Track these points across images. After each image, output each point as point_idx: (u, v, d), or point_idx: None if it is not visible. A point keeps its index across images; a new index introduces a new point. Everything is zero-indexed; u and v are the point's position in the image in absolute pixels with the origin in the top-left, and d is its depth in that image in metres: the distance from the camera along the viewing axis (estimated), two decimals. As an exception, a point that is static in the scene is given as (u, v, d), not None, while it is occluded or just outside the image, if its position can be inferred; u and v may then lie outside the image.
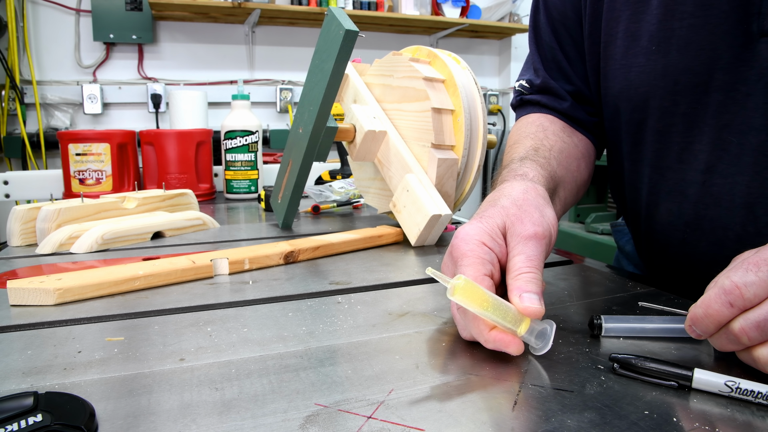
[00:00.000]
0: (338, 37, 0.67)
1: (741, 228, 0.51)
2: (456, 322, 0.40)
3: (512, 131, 0.67)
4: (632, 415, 0.29)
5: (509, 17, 2.84)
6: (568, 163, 0.60)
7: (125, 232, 0.72)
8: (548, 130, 0.62)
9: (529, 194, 0.44)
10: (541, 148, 0.57)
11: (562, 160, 0.59)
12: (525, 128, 0.64)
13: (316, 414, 0.29)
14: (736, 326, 0.33)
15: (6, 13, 2.17)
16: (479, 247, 0.39)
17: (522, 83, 0.70)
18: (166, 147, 1.17)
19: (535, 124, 0.64)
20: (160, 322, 0.43)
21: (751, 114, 0.48)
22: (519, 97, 0.71)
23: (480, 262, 0.38)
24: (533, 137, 0.60)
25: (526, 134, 0.61)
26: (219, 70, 2.60)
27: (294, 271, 0.59)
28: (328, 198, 1.00)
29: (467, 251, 0.39)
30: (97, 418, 0.28)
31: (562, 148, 0.60)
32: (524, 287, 0.36)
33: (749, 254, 0.35)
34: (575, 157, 0.62)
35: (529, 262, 0.38)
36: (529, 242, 0.39)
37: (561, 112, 0.66)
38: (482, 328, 0.36)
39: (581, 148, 0.65)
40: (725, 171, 0.51)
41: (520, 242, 0.39)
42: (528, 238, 0.39)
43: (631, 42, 0.55)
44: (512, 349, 0.35)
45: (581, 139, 0.66)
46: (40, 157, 2.29)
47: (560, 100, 0.66)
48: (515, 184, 0.46)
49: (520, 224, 0.40)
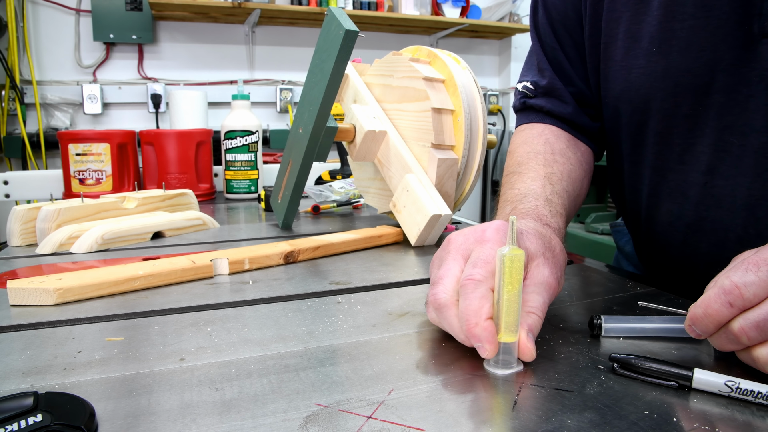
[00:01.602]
0: (338, 37, 0.67)
1: (742, 230, 0.51)
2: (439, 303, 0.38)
3: (516, 140, 0.66)
4: (632, 415, 0.29)
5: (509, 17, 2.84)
6: (574, 187, 0.60)
7: (125, 232, 0.72)
8: (555, 149, 0.62)
9: (556, 245, 0.44)
10: (553, 176, 0.58)
11: (569, 186, 0.59)
12: (533, 144, 0.63)
13: (316, 414, 0.29)
14: (735, 326, 0.33)
15: (6, 13, 2.17)
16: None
17: (526, 84, 0.68)
18: (166, 147, 1.17)
19: (541, 140, 0.63)
20: (160, 322, 0.43)
21: (753, 115, 0.48)
22: (522, 100, 0.69)
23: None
24: (543, 161, 0.60)
25: (536, 153, 0.61)
26: (219, 70, 2.60)
27: (294, 271, 0.59)
28: (328, 198, 1.00)
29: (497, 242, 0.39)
30: (97, 418, 0.28)
31: (570, 172, 0.60)
32: (533, 327, 0.36)
33: (749, 254, 0.35)
34: (580, 178, 0.63)
35: (543, 306, 0.38)
36: (548, 290, 0.39)
37: (565, 119, 0.66)
38: (482, 311, 0.34)
39: (584, 164, 0.65)
40: (726, 172, 0.51)
41: (541, 284, 0.39)
42: (548, 286, 0.39)
43: (631, 43, 0.55)
44: (489, 348, 0.34)
45: (584, 152, 0.66)
46: (40, 157, 2.29)
47: (564, 104, 0.65)
48: (545, 230, 0.46)
49: (545, 266, 0.40)
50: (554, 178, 0.57)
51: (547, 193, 0.54)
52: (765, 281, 0.32)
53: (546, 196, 0.54)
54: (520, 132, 0.68)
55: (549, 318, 0.45)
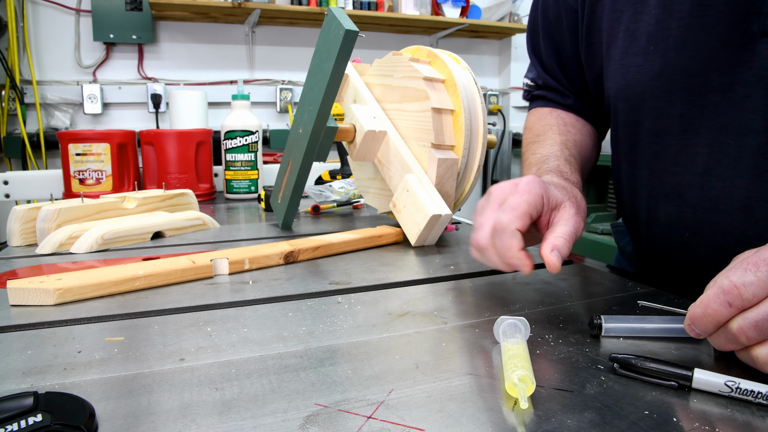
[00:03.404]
0: (338, 37, 0.67)
1: (740, 232, 0.51)
2: (481, 247, 0.46)
3: (531, 118, 0.75)
4: (632, 415, 0.29)
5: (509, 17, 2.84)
6: (585, 153, 0.68)
7: (125, 232, 0.72)
8: (567, 122, 0.70)
9: (577, 194, 0.51)
10: (568, 142, 0.66)
11: (582, 151, 0.67)
12: (547, 119, 0.71)
13: (316, 414, 0.29)
14: (734, 326, 0.33)
15: (6, 13, 2.17)
16: (538, 198, 0.46)
17: (526, 82, 0.78)
18: (166, 147, 1.17)
19: (553, 115, 0.72)
20: (160, 322, 0.43)
21: (750, 116, 0.48)
22: (528, 92, 0.78)
23: (530, 207, 0.45)
24: (558, 131, 0.68)
25: (550, 125, 0.69)
26: (219, 70, 2.60)
27: (294, 271, 0.59)
28: (328, 198, 1.00)
29: (526, 198, 0.45)
30: (97, 418, 0.28)
31: (581, 140, 0.68)
32: (559, 246, 0.43)
33: (748, 254, 0.35)
34: (589, 146, 0.70)
35: (569, 233, 0.45)
36: (574, 224, 0.46)
37: (567, 107, 0.72)
38: (513, 246, 0.43)
39: (592, 136, 0.72)
40: (723, 174, 0.51)
41: (568, 219, 0.46)
42: (574, 221, 0.46)
43: (630, 42, 0.55)
44: (526, 269, 0.43)
45: (590, 127, 0.72)
46: (40, 157, 2.29)
47: (565, 97, 0.73)
48: (566, 184, 0.53)
49: (571, 207, 0.47)
50: (569, 143, 0.66)
51: (566, 155, 0.63)
52: (764, 281, 0.32)
53: (565, 156, 0.62)
54: (533, 112, 0.76)
55: (549, 318, 0.45)
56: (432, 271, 0.59)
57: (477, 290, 0.52)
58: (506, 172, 3.13)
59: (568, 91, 0.72)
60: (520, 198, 0.45)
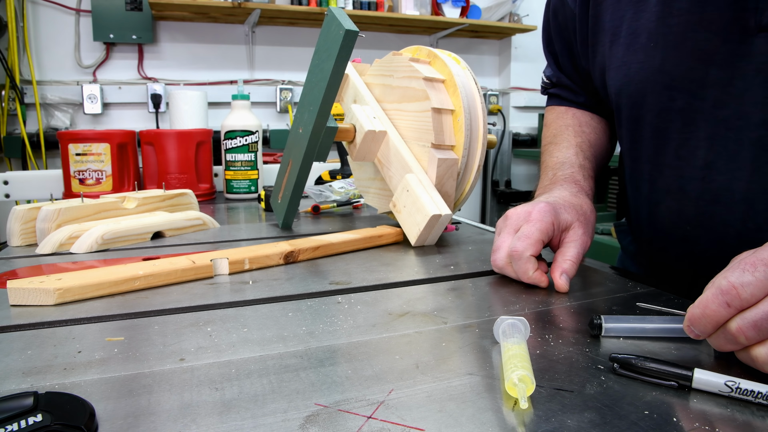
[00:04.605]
0: (338, 37, 0.67)
1: (741, 224, 0.52)
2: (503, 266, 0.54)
3: (549, 116, 0.79)
4: (632, 415, 0.29)
5: (509, 17, 2.84)
6: (600, 152, 0.72)
7: (125, 232, 0.72)
8: (582, 122, 0.73)
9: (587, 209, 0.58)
10: (583, 144, 0.69)
11: (596, 151, 0.71)
12: (564, 118, 0.75)
13: (316, 414, 0.29)
14: (733, 326, 0.33)
15: (6, 13, 2.17)
16: (549, 225, 0.52)
17: (544, 78, 0.81)
18: (166, 147, 1.17)
19: (569, 114, 0.75)
20: (160, 322, 0.43)
21: (749, 109, 0.49)
22: (545, 89, 0.81)
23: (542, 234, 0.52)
24: (573, 132, 0.71)
25: (566, 125, 0.73)
26: (219, 70, 2.60)
27: (294, 271, 0.59)
28: (328, 198, 1.00)
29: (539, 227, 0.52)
30: (97, 418, 0.28)
31: (596, 140, 0.72)
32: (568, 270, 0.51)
33: (747, 254, 0.35)
34: (603, 144, 0.73)
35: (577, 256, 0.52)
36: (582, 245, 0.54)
37: (580, 105, 0.75)
38: (528, 269, 0.51)
39: (607, 130, 0.75)
40: (724, 167, 0.51)
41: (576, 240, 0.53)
42: (582, 242, 0.54)
43: (632, 40, 0.56)
44: (542, 285, 0.52)
45: (604, 122, 0.75)
46: (40, 157, 2.29)
47: (577, 95, 0.75)
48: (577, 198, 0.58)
49: (579, 228, 0.54)
50: (584, 145, 0.69)
51: (580, 160, 0.67)
52: (762, 281, 0.32)
53: (579, 162, 0.66)
54: (550, 110, 0.80)
55: (549, 318, 0.45)
56: (432, 271, 0.59)
57: (477, 290, 0.52)
58: (506, 172, 3.13)
59: (581, 89, 0.74)
60: (534, 227, 0.51)
